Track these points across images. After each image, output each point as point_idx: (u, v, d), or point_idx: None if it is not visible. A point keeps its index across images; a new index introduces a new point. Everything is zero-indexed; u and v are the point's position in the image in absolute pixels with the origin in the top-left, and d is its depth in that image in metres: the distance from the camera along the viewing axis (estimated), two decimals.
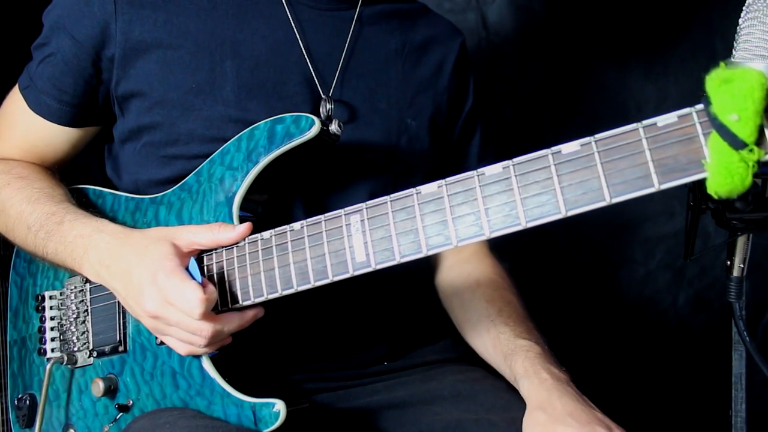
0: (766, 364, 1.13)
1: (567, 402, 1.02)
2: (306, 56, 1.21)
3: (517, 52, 2.28)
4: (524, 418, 1.05)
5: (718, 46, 2.04)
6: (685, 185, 1.17)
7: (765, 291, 2.09)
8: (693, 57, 2.11)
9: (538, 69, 2.28)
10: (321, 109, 1.20)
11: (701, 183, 0.76)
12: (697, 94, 0.77)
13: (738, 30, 1.04)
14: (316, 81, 1.21)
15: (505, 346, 1.19)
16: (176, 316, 1.03)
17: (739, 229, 1.18)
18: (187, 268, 1.05)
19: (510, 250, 1.43)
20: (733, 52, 1.05)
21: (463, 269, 1.39)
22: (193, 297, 1.00)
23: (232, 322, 1.07)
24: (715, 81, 0.73)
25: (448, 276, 1.42)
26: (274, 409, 1.05)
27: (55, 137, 1.30)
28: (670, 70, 2.16)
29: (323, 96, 1.21)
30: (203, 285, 1.03)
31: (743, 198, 1.12)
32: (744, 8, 1.03)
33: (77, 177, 1.38)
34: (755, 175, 0.95)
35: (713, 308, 2.24)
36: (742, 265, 1.21)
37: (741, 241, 1.19)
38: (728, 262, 1.22)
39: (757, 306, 1.87)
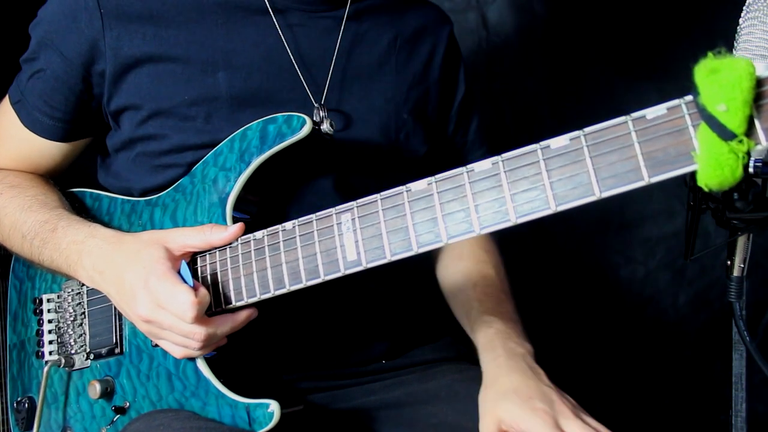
0: (766, 364, 1.12)
1: (514, 378, 1.04)
2: (295, 62, 1.20)
3: (517, 52, 2.28)
4: (480, 391, 1.08)
5: (719, 45, 2.03)
6: (685, 184, 1.17)
7: (765, 291, 2.08)
8: (694, 56, 2.10)
9: (538, 69, 2.27)
10: (314, 117, 1.19)
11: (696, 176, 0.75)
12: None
13: (738, 30, 1.03)
14: (307, 88, 1.21)
15: (473, 320, 1.22)
16: (169, 320, 1.03)
17: (739, 229, 1.17)
18: (179, 272, 1.05)
19: (509, 250, 1.42)
20: (734, 52, 1.04)
21: (455, 250, 1.40)
22: (184, 300, 1.00)
23: (225, 325, 1.07)
24: (703, 71, 0.72)
25: (442, 258, 1.42)
26: (269, 410, 1.05)
27: (49, 150, 1.30)
28: (671, 70, 2.14)
29: (315, 104, 1.20)
30: (195, 288, 1.03)
31: (743, 197, 1.11)
32: (744, 8, 1.02)
33: (74, 179, 1.38)
34: (756, 175, 0.94)
35: (713, 308, 2.24)
36: (742, 265, 1.20)
37: (741, 241, 1.18)
38: (728, 262, 1.21)
39: (757, 306, 1.86)
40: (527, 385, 1.01)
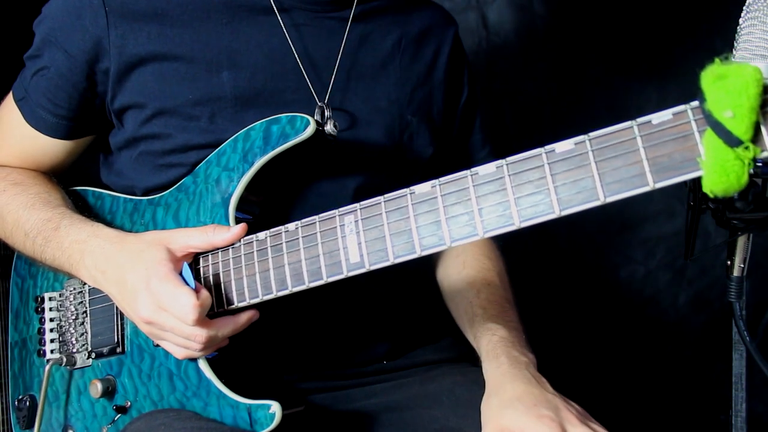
0: (766, 364, 1.12)
1: (518, 386, 1.03)
2: (300, 63, 1.20)
3: (517, 52, 2.28)
4: (482, 400, 1.07)
5: (719, 45, 2.04)
6: (685, 185, 1.17)
7: (765, 291, 2.08)
8: (694, 57, 2.11)
9: (538, 69, 2.27)
10: (316, 116, 1.18)
11: (701, 182, 0.75)
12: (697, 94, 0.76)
13: (738, 30, 1.03)
14: (312, 88, 1.20)
15: (476, 328, 1.21)
16: (170, 322, 1.03)
17: (739, 229, 1.17)
18: (180, 273, 1.05)
19: (510, 250, 1.43)
20: (734, 52, 1.04)
21: (459, 257, 1.39)
22: (186, 303, 1.00)
23: (227, 327, 1.07)
24: (709, 77, 0.71)
25: (444, 262, 1.42)
26: (270, 411, 1.05)
27: (52, 148, 1.30)
28: (672, 70, 2.15)
29: (319, 103, 1.20)
30: (196, 290, 1.03)
31: (743, 197, 1.11)
32: (744, 8, 1.02)
33: (77, 177, 1.38)
34: (756, 176, 0.94)
35: (713, 308, 2.24)
36: (742, 265, 1.20)
37: (741, 241, 1.18)
38: (728, 262, 1.21)
39: (757, 306, 1.86)
40: (531, 393, 1.01)
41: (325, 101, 1.20)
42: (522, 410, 0.97)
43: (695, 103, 0.74)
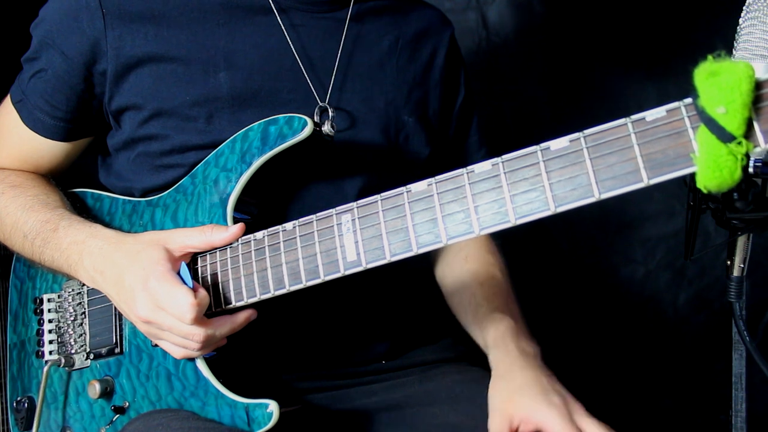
0: (766, 364, 1.12)
1: (527, 373, 1.05)
2: (300, 62, 1.20)
3: (517, 52, 2.28)
4: (489, 386, 1.08)
5: (719, 45, 2.03)
6: (685, 184, 1.17)
7: (765, 291, 2.08)
8: (694, 57, 2.10)
9: (538, 69, 2.28)
10: (315, 116, 1.19)
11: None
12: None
13: (738, 30, 1.03)
14: (312, 87, 1.21)
15: (480, 319, 1.22)
16: (168, 321, 1.03)
17: (739, 229, 1.17)
18: (178, 273, 1.05)
19: (510, 250, 1.43)
20: (734, 52, 1.04)
21: (461, 252, 1.40)
22: (184, 302, 1.00)
23: (225, 326, 1.07)
24: (702, 74, 0.72)
25: (444, 259, 1.43)
26: (268, 410, 1.05)
27: (50, 150, 1.30)
28: (671, 70, 2.15)
29: (319, 103, 1.20)
30: (194, 289, 1.03)
31: (743, 197, 1.11)
32: (744, 8, 1.02)
33: (76, 179, 1.38)
34: (756, 175, 0.94)
35: (713, 308, 2.24)
36: (742, 265, 1.20)
37: (741, 241, 1.18)
38: (728, 262, 1.21)
39: (757, 306, 1.86)
40: (540, 381, 1.02)
41: (326, 101, 1.21)
42: (531, 395, 0.99)
43: (689, 100, 0.75)
